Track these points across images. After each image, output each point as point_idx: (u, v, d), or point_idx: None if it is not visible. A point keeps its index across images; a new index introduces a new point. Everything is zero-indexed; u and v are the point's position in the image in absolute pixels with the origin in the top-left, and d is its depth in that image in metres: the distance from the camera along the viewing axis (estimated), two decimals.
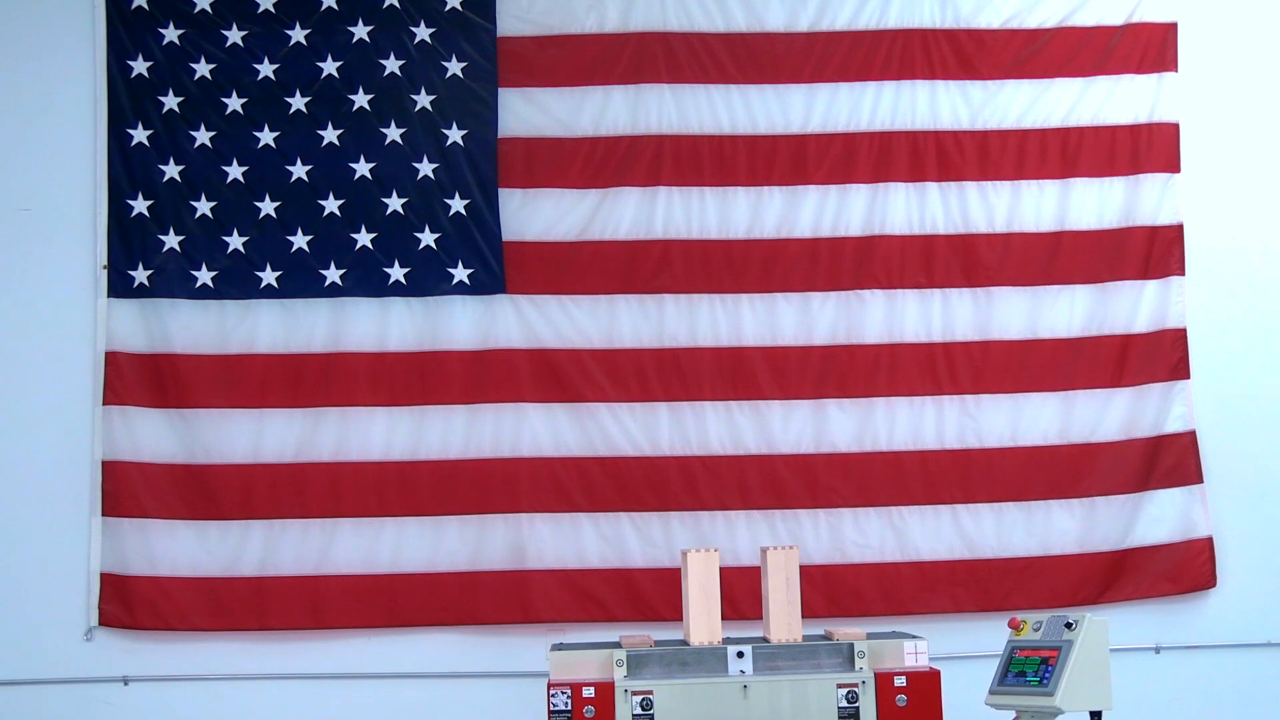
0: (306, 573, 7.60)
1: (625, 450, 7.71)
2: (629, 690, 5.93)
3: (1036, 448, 7.79)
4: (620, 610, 7.58)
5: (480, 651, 7.61)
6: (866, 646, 6.06)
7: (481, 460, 7.69)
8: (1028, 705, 5.99)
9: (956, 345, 7.84)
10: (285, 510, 7.65)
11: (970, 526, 7.74)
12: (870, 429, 7.77)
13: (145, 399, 7.69)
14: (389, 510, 7.65)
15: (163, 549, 7.60)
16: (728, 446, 7.73)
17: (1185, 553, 7.78)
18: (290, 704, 7.60)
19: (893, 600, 7.65)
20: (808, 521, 7.70)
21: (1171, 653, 7.78)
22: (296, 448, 7.69)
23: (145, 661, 7.60)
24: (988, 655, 6.57)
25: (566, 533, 7.65)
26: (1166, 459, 7.81)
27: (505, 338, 7.77)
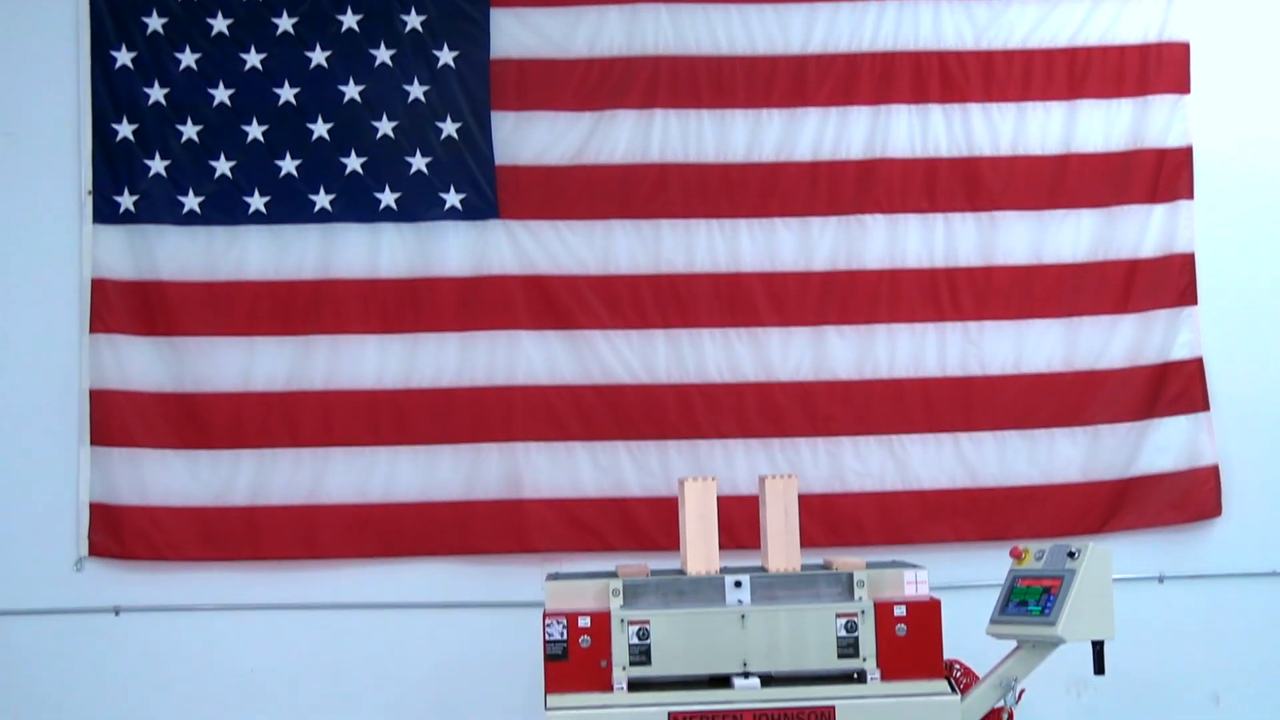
0: (298, 502, 7.60)
1: (621, 378, 7.68)
2: (625, 620, 5.93)
3: (1040, 375, 7.76)
4: (616, 540, 7.59)
5: (474, 581, 7.63)
6: (866, 576, 6.05)
7: (475, 389, 7.66)
8: (1029, 635, 6.00)
9: (959, 271, 7.79)
10: (277, 439, 7.63)
11: (972, 455, 7.72)
12: (871, 356, 7.74)
13: (133, 327, 7.66)
14: (382, 439, 7.63)
15: (153, 478, 7.59)
16: (725, 374, 7.71)
17: (1190, 481, 7.77)
18: (283, 634, 7.61)
19: (893, 529, 7.66)
20: (806, 450, 7.69)
21: (1175, 582, 7.79)
22: (287, 376, 7.66)
23: (136, 592, 7.60)
24: (989, 585, 6.58)
25: (562, 462, 7.64)
26: (1172, 386, 7.79)
27: (499, 264, 7.72)
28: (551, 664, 5.92)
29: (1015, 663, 6.06)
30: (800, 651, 5.94)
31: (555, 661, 5.92)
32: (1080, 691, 7.67)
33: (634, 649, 5.91)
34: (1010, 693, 6.00)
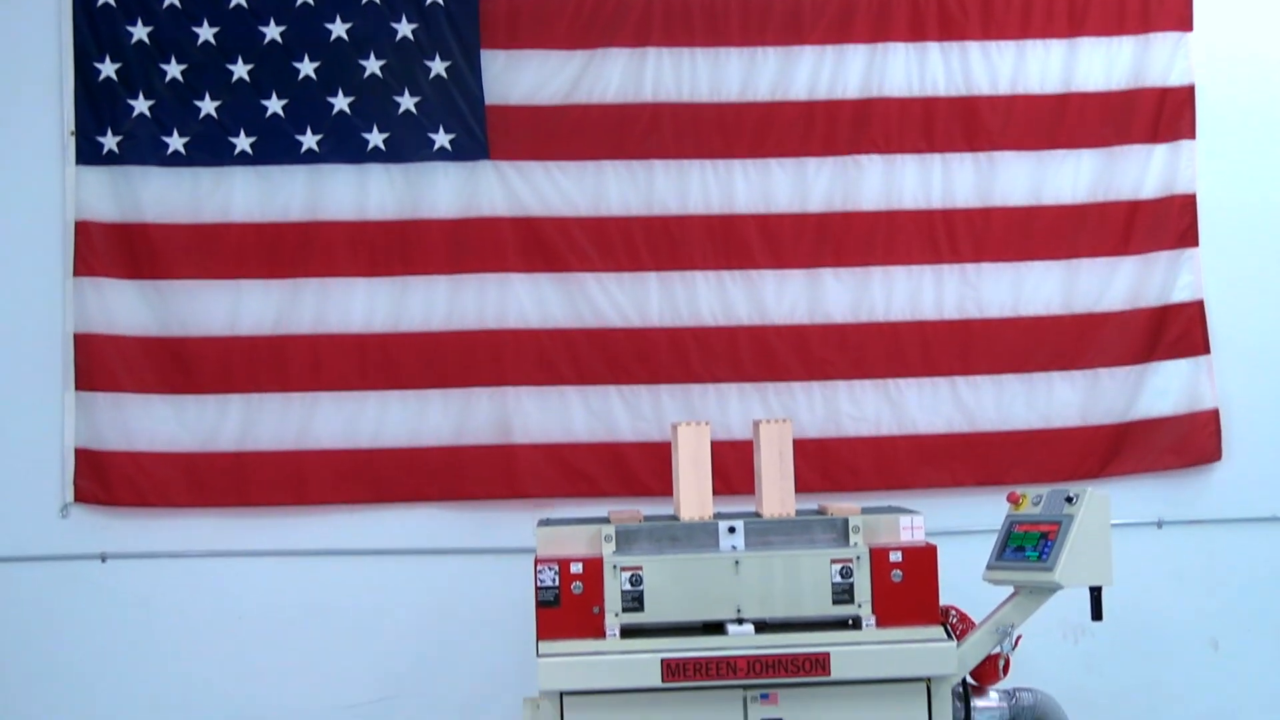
0: (287, 447, 7.56)
1: (613, 321, 7.64)
2: (618, 566, 5.90)
3: (1038, 318, 7.73)
4: (608, 485, 7.57)
5: (465, 527, 7.61)
6: (861, 521, 6.02)
7: (465, 332, 7.61)
8: (1026, 580, 5.98)
9: (957, 212, 7.74)
10: (264, 384, 7.59)
11: (969, 399, 7.69)
12: (866, 299, 7.70)
13: (117, 270, 7.59)
14: (371, 383, 7.59)
15: (139, 424, 7.55)
16: (719, 317, 7.67)
17: (1190, 425, 7.75)
18: (271, 580, 7.60)
19: (888, 474, 7.64)
20: (801, 394, 7.65)
21: (1174, 527, 7.78)
22: (275, 320, 7.61)
23: (123, 538, 7.58)
24: (986, 530, 6.55)
25: (553, 406, 7.61)
26: (1173, 329, 7.75)
27: (489, 205, 7.66)
28: (543, 610, 5.90)
29: (1012, 609, 6.05)
30: (795, 598, 5.91)
31: (547, 608, 5.89)
32: (1078, 638, 7.67)
33: (627, 595, 5.88)
34: (1007, 639, 5.99)
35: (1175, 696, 7.78)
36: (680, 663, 5.78)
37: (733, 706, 5.83)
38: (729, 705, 5.83)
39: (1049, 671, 7.16)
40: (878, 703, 5.86)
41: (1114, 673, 7.74)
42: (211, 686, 7.57)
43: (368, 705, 7.58)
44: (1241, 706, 7.78)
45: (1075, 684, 7.39)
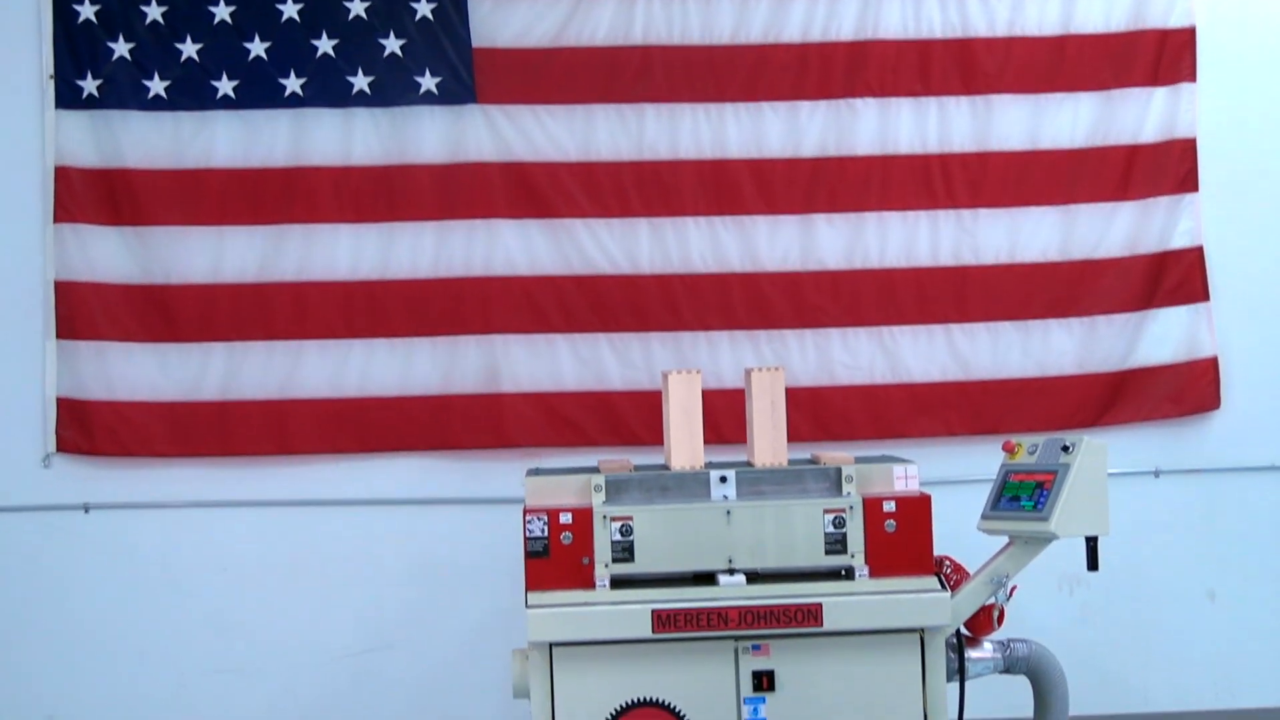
0: (271, 396, 7.53)
1: (603, 268, 7.59)
2: (608, 516, 5.87)
3: (1035, 264, 7.68)
4: (598, 434, 7.54)
5: (453, 477, 7.59)
6: (854, 471, 5.98)
7: (453, 279, 7.57)
8: (1021, 530, 5.95)
9: (953, 157, 7.69)
10: (248, 332, 7.55)
11: (964, 347, 7.66)
12: (860, 245, 7.65)
13: (98, 216, 7.54)
14: (356, 331, 7.55)
15: (121, 373, 7.52)
16: (710, 264, 7.62)
17: (1189, 373, 7.72)
18: (256, 531, 7.58)
19: (882, 423, 7.61)
20: (794, 342, 7.62)
21: (1172, 476, 7.76)
22: (259, 267, 7.56)
23: (106, 488, 7.56)
24: (980, 480, 6.51)
25: (542, 354, 7.57)
26: (1172, 276, 7.71)
27: (476, 150, 7.59)
28: (532, 561, 5.86)
29: (1007, 559, 6.02)
30: (787, 548, 5.89)
31: (536, 559, 5.86)
32: (1073, 588, 7.67)
33: (616, 546, 5.85)
34: (1001, 589, 5.97)
35: (1171, 647, 7.79)
36: (671, 614, 5.75)
37: (724, 658, 5.82)
38: (720, 656, 5.81)
39: (1044, 622, 7.18)
40: (871, 654, 5.84)
41: (1109, 623, 7.75)
42: (196, 637, 7.56)
43: (355, 657, 7.58)
44: (1238, 656, 7.79)
45: (1070, 635, 7.41)
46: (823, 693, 5.82)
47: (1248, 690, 7.79)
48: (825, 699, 5.82)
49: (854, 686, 5.82)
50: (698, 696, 5.81)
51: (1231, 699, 7.80)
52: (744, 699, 5.81)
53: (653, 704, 5.80)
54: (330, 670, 7.58)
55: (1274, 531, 7.79)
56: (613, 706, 5.80)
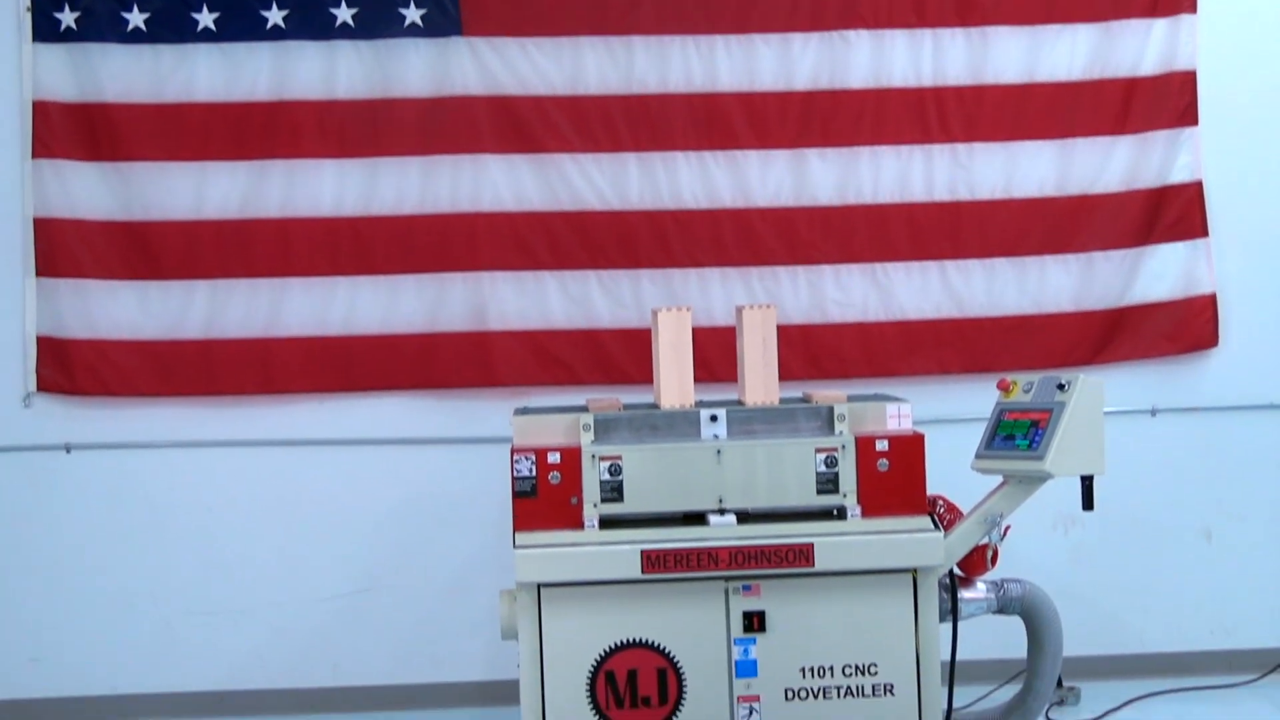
0: (255, 335, 7.49)
1: (592, 204, 7.54)
2: (596, 455, 5.85)
3: (1031, 199, 7.64)
4: (587, 373, 7.51)
5: (439, 416, 7.57)
6: (847, 409, 5.97)
7: (439, 215, 7.51)
8: (1015, 469, 5.95)
9: (948, 90, 7.62)
10: (231, 269, 7.50)
11: (959, 284, 7.62)
12: (854, 180, 7.59)
13: (78, 151, 7.47)
14: (341, 269, 7.51)
15: (102, 311, 7.48)
16: (701, 200, 7.57)
17: (1186, 310, 7.69)
18: (241, 470, 7.56)
19: (875, 361, 7.59)
20: (786, 279, 7.58)
21: (1168, 415, 7.75)
22: (241, 203, 7.50)
23: (88, 428, 7.53)
24: (975, 419, 6.50)
25: (530, 292, 7.53)
26: (1170, 211, 7.67)
27: (462, 84, 7.52)
28: (520, 501, 5.86)
29: (1001, 499, 6.02)
30: (778, 487, 5.88)
31: (524, 499, 5.85)
32: (1068, 528, 7.67)
33: (605, 485, 5.85)
34: (995, 529, 5.97)
35: (1166, 587, 7.80)
36: (660, 554, 5.75)
37: (714, 598, 5.82)
38: (710, 597, 5.82)
39: (1038, 562, 7.19)
40: (863, 594, 5.84)
41: (1104, 564, 7.75)
42: (181, 579, 7.56)
43: (341, 598, 7.59)
44: (1233, 597, 7.81)
45: (1064, 575, 7.42)
46: (814, 633, 5.83)
47: (1244, 630, 7.81)
48: (816, 640, 5.83)
49: (845, 627, 5.83)
50: (687, 637, 5.82)
51: (1227, 639, 7.81)
52: (734, 640, 5.82)
53: (642, 645, 5.82)
54: (317, 611, 7.58)
55: (1272, 471, 7.79)
56: (601, 648, 5.81)
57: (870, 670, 5.83)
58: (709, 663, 5.82)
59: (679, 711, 5.80)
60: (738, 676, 5.82)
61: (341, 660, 7.61)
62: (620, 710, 5.80)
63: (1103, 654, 7.69)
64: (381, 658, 7.61)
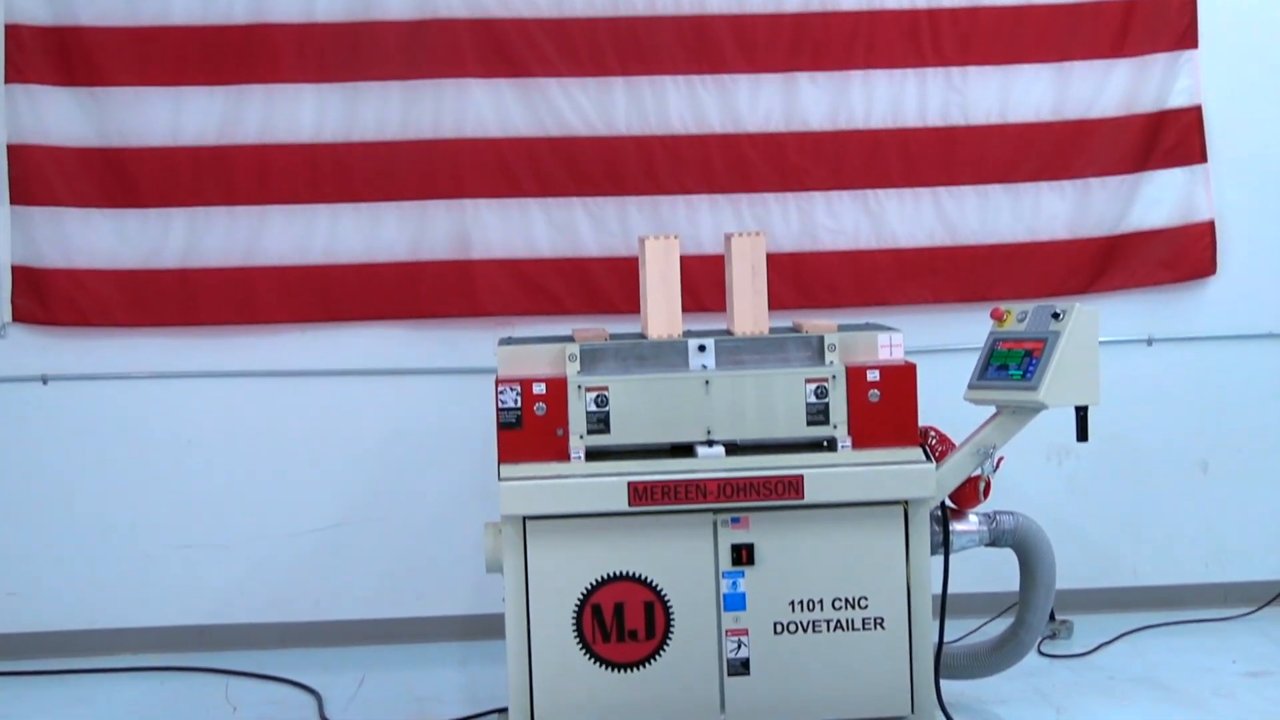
0: (234, 264, 7.44)
1: (578, 130, 7.47)
2: (583, 386, 5.82)
3: (1027, 124, 7.58)
4: (572, 302, 7.49)
5: (423, 346, 7.53)
6: (837, 339, 5.93)
7: (421, 142, 7.45)
8: (1009, 400, 5.92)
9: (942, 11, 7.54)
10: (209, 197, 7.44)
11: (952, 210, 7.58)
12: (845, 105, 7.53)
13: (52, 76, 7.39)
14: (322, 196, 7.45)
15: (78, 239, 7.42)
16: (689, 125, 7.51)
17: (1184, 237, 7.65)
18: (221, 402, 7.54)
19: (867, 290, 7.56)
20: (776, 206, 7.54)
21: (1165, 344, 7.72)
22: (219, 129, 7.43)
23: (64, 359, 7.50)
24: (968, 348, 6.49)
25: (514, 219, 7.48)
26: (1168, 136, 7.61)
27: (445, 6, 7.43)
28: (505, 432, 5.82)
29: (994, 429, 5.99)
30: (767, 419, 5.85)
31: (509, 430, 5.82)
32: (1062, 459, 7.66)
33: (592, 416, 5.82)
34: (988, 461, 5.95)
35: (1162, 520, 7.81)
36: (648, 486, 5.73)
37: (702, 531, 5.80)
38: (698, 529, 5.80)
39: (1031, 494, 7.19)
40: (853, 526, 5.83)
41: (1099, 496, 7.76)
42: (160, 512, 7.55)
43: (323, 531, 7.58)
44: (1229, 529, 7.82)
45: (1058, 507, 7.43)
46: (803, 566, 5.82)
47: (1239, 563, 7.82)
48: (806, 572, 5.82)
49: (835, 560, 5.82)
50: (675, 570, 5.81)
51: (1222, 572, 7.83)
52: (723, 573, 5.81)
53: (629, 578, 5.81)
54: (298, 545, 7.58)
55: (1268, 401, 7.78)
56: (588, 581, 5.80)
57: (860, 604, 5.82)
58: (697, 596, 5.80)
59: (666, 645, 5.80)
60: (726, 610, 5.81)
61: (323, 594, 7.61)
62: (607, 644, 5.79)
63: (1096, 587, 7.71)
64: (364, 591, 7.62)
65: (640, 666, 5.81)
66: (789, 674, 5.81)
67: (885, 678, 5.84)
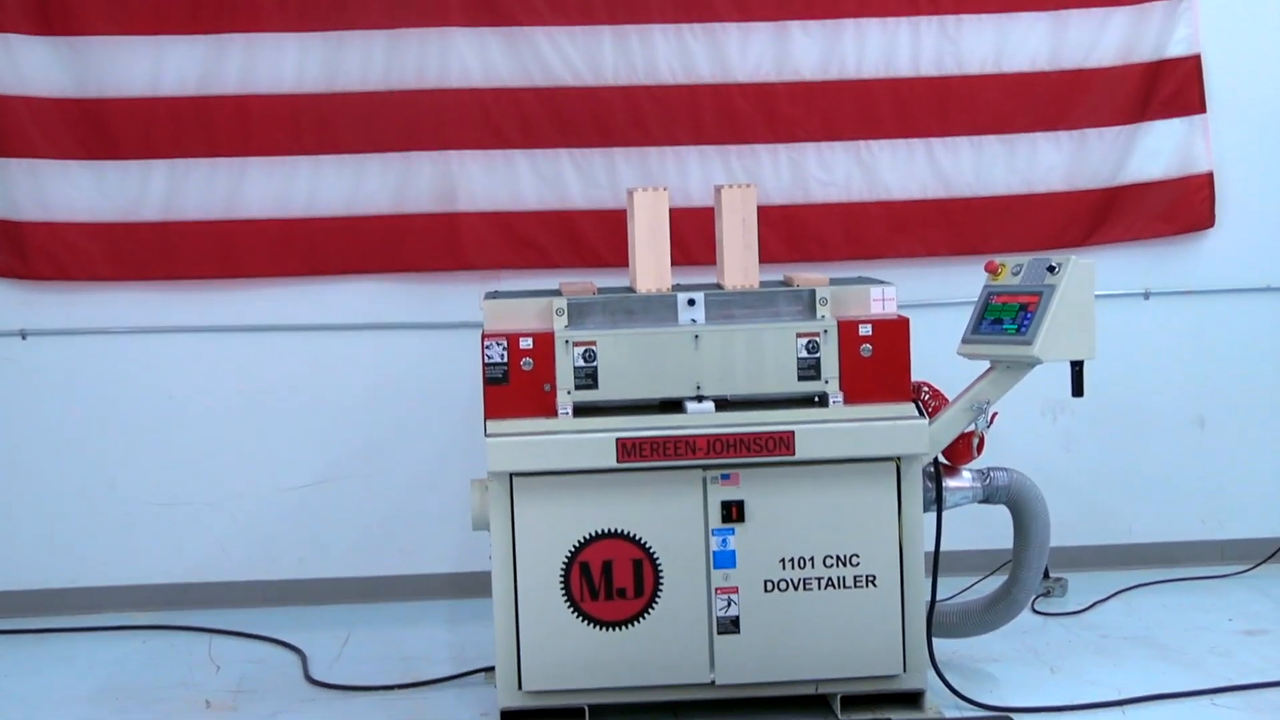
0: (215, 217, 7.41)
1: (564, 80, 7.43)
2: (570, 341, 5.77)
3: (1023, 74, 7.54)
4: (560, 255, 7.46)
5: (407, 301, 7.52)
6: (829, 293, 5.88)
7: (405, 92, 7.41)
8: (1003, 354, 5.88)
9: None
10: (190, 149, 7.40)
11: (946, 162, 7.55)
12: (837, 54, 7.49)
13: (27, 25, 7.33)
14: (304, 148, 7.41)
15: (57, 192, 7.39)
16: (678, 75, 7.46)
17: (1182, 189, 7.62)
18: (202, 357, 7.52)
19: (859, 243, 7.53)
20: (766, 157, 7.50)
21: (1162, 298, 7.71)
22: (200, 79, 7.39)
23: (44, 314, 7.48)
24: (961, 302, 6.45)
25: (500, 171, 7.44)
26: (1166, 86, 7.57)
27: None
28: (491, 388, 5.78)
29: (988, 384, 5.96)
30: (757, 374, 5.81)
31: (495, 385, 5.77)
32: (1057, 415, 7.65)
33: (579, 372, 5.77)
34: (982, 416, 5.92)
35: (1158, 476, 7.80)
36: (636, 442, 5.68)
37: (692, 488, 5.76)
38: (687, 486, 5.76)
39: (1026, 450, 7.17)
40: (845, 483, 5.79)
41: (1094, 452, 7.75)
42: (141, 469, 7.54)
43: (307, 488, 7.57)
44: (1226, 486, 7.81)
45: (1053, 463, 7.44)
46: (794, 523, 5.78)
47: (1236, 520, 7.82)
48: (797, 530, 5.79)
49: (827, 517, 5.78)
50: (664, 527, 5.77)
51: (1219, 529, 7.82)
52: (712, 530, 5.77)
53: (617, 535, 5.77)
54: (282, 502, 7.57)
55: (1267, 356, 7.76)
56: (576, 538, 5.76)
57: (852, 561, 5.79)
58: (686, 554, 5.77)
59: (655, 603, 5.77)
60: (716, 567, 5.77)
61: (307, 552, 7.60)
62: (595, 602, 5.76)
63: (1091, 544, 7.71)
64: (349, 549, 7.61)
65: (629, 625, 5.78)
66: (779, 632, 5.78)
67: (877, 636, 5.81)
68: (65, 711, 6.20)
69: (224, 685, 6.47)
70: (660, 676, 5.79)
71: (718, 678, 5.79)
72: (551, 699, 5.78)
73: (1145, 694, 5.93)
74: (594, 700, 5.79)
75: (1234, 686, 6.01)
